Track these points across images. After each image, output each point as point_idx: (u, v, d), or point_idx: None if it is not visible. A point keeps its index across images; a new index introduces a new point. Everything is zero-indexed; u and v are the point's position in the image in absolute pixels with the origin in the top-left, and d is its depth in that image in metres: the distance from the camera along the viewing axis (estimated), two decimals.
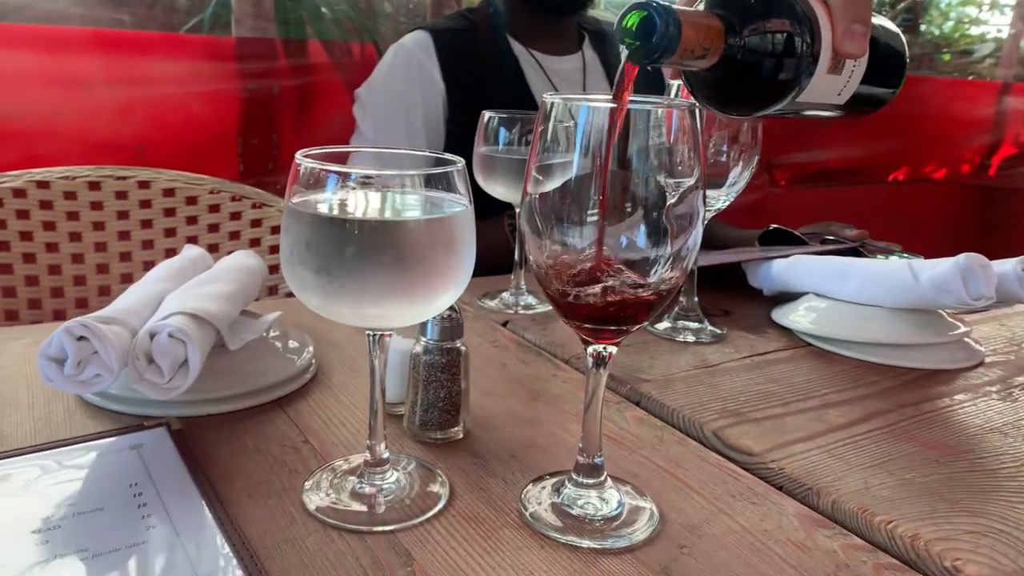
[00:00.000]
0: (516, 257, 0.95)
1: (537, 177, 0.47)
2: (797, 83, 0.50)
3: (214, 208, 1.14)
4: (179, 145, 1.54)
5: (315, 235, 0.44)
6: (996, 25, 3.64)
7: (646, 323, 0.49)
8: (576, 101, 0.45)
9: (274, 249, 1.14)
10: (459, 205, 0.47)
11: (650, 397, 0.70)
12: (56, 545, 0.45)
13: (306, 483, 0.53)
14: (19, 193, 1.04)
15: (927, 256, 0.92)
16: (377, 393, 0.52)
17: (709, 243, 1.21)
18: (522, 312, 0.92)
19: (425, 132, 1.38)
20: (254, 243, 1.14)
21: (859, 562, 0.49)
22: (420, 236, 0.45)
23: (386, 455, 0.53)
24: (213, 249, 1.13)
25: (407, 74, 1.38)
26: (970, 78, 3.52)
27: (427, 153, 0.48)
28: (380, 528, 0.49)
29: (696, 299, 0.88)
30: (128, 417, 0.61)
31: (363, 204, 0.45)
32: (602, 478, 0.52)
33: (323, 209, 0.45)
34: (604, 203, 0.44)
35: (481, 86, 1.40)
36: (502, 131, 0.89)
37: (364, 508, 0.51)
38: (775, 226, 1.18)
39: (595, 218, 0.46)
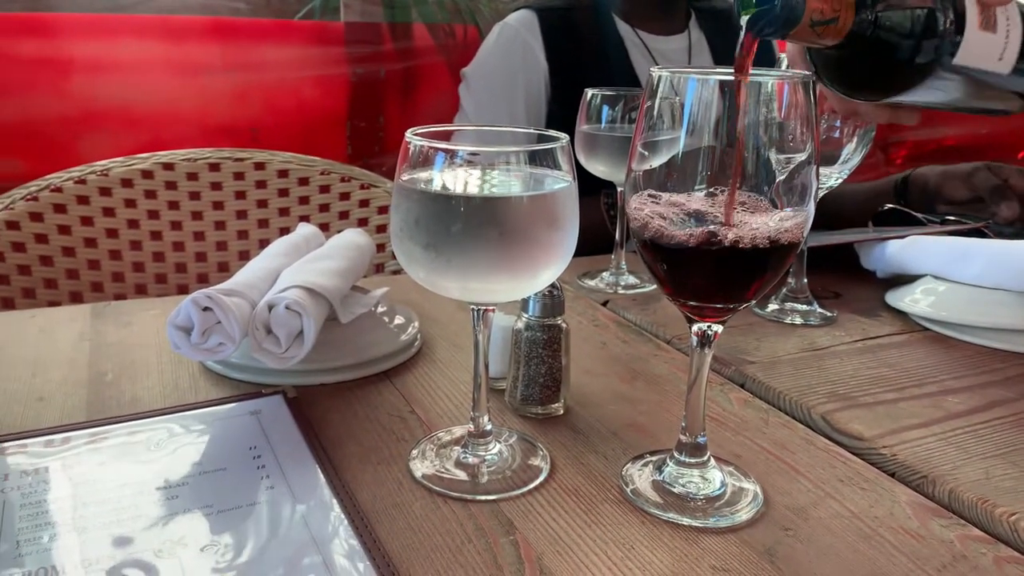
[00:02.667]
0: (616, 237, 0.95)
1: (643, 153, 0.47)
2: (944, 46, 0.47)
3: (324, 188, 1.18)
4: (291, 129, 1.60)
5: (424, 211, 0.46)
6: None
7: (753, 302, 0.48)
8: (683, 75, 0.45)
9: (381, 228, 1.17)
10: (563, 181, 0.47)
11: (755, 379, 0.68)
12: (184, 500, 0.48)
13: (412, 451, 0.55)
14: (147, 174, 1.11)
15: None
16: (481, 367, 0.53)
17: (838, 207, 1.16)
18: (622, 292, 0.92)
19: (526, 111, 1.38)
20: (362, 222, 1.18)
21: (978, 554, 0.47)
22: (524, 212, 0.46)
23: (489, 427, 0.55)
24: (323, 228, 1.16)
25: (510, 53, 1.39)
26: None
27: (532, 130, 0.49)
28: (483, 497, 0.50)
29: (805, 280, 0.86)
30: (247, 385, 0.64)
31: (470, 181, 0.46)
32: (705, 458, 0.52)
33: (431, 186, 0.46)
34: (737, 171, 0.43)
35: (584, 65, 1.39)
36: (605, 109, 0.89)
37: (467, 477, 0.53)
38: (890, 206, 1.13)
39: (701, 194, 0.45)
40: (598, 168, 0.87)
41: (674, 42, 1.48)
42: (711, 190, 0.45)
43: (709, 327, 0.48)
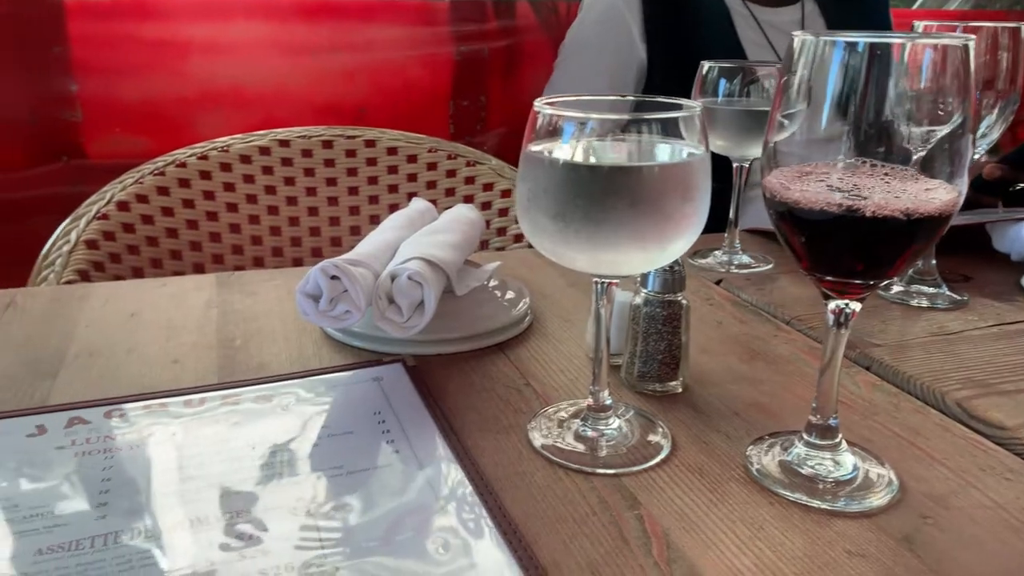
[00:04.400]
0: (731, 215, 0.92)
1: (783, 122, 0.45)
2: None
3: (432, 166, 1.19)
4: (396, 108, 1.62)
5: (552, 181, 0.45)
6: None
7: (895, 279, 0.46)
8: (829, 39, 0.43)
9: (485, 205, 1.18)
10: (696, 151, 0.46)
11: (882, 363, 0.66)
12: (315, 461, 0.50)
13: (530, 422, 0.55)
14: (264, 151, 1.14)
15: None
16: (603, 342, 0.53)
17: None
18: (735, 271, 0.89)
19: (620, 84, 1.36)
20: (468, 199, 1.19)
21: None
22: (656, 182, 0.45)
23: (609, 402, 0.54)
24: None
25: (605, 23, 1.37)
26: None
27: (664, 99, 0.48)
28: (604, 471, 0.50)
29: (934, 262, 0.81)
30: (366, 353, 0.66)
31: (600, 150, 0.46)
32: (837, 440, 0.50)
33: (560, 155, 0.45)
34: (883, 141, 0.41)
35: (687, 38, 1.35)
36: (722, 82, 0.86)
37: (587, 450, 0.52)
38: (1023, 185, 1.06)
39: (844, 164, 0.43)
40: (716, 143, 0.85)
41: (786, 14, 1.42)
42: (855, 161, 0.43)
43: (847, 305, 0.46)
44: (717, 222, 0.91)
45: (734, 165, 0.89)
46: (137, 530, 0.43)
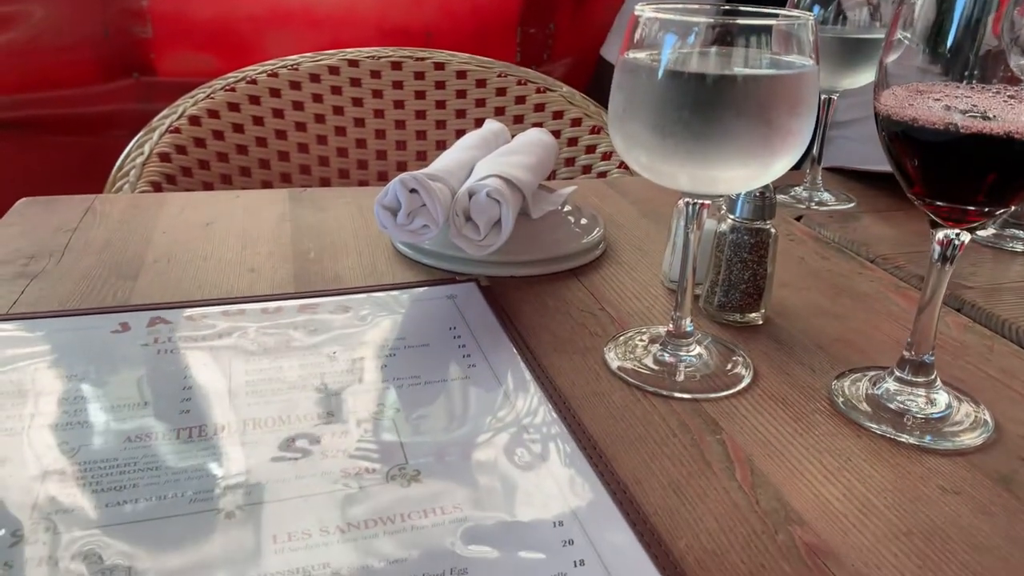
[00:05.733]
0: (814, 151, 0.89)
1: (902, 39, 0.42)
2: None
3: (501, 92, 1.17)
4: (463, 33, 1.59)
5: (652, 90, 0.43)
6: None
7: (1012, 208, 0.43)
8: None
9: (555, 134, 1.15)
10: (805, 62, 0.43)
11: (975, 305, 0.63)
12: (393, 370, 0.50)
13: (606, 345, 0.54)
14: (334, 70, 1.13)
15: None
16: (689, 268, 0.51)
17: None
18: (815, 207, 0.86)
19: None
20: (537, 126, 1.16)
21: None
22: (764, 93, 0.42)
23: (690, 328, 0.53)
24: None
25: None
26: None
27: (773, 9, 0.45)
28: (683, 395, 0.49)
29: None
30: (438, 272, 0.65)
31: (704, 58, 0.43)
32: (932, 376, 0.48)
33: (661, 62, 0.43)
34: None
35: None
36: (815, 8, 0.82)
37: (666, 374, 0.51)
38: None
39: (966, 85, 0.40)
40: None
41: None
42: (978, 82, 0.40)
43: (958, 235, 0.44)
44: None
45: (821, 97, 0.85)
46: (219, 427, 0.44)
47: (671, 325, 0.53)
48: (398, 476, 0.40)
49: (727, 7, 0.49)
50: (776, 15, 0.44)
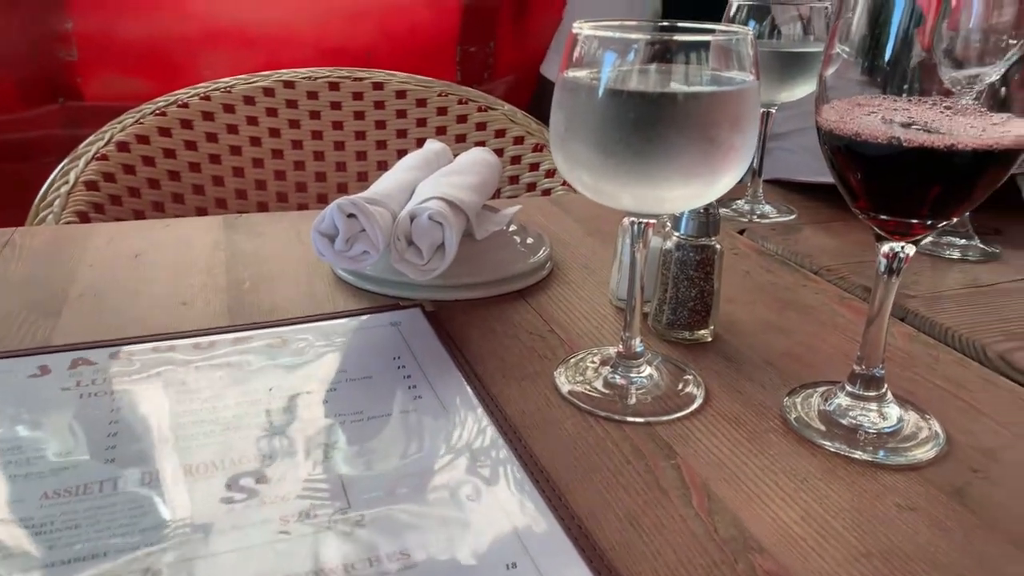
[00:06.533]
0: (754, 164, 0.89)
1: (840, 53, 0.42)
2: None
3: (442, 111, 1.16)
4: (403, 53, 1.58)
5: (593, 108, 0.42)
6: None
7: (954, 220, 0.43)
8: None
9: (498, 152, 1.14)
10: (747, 78, 0.43)
11: (917, 314, 0.63)
12: (334, 405, 0.48)
13: (556, 369, 0.53)
14: (269, 92, 1.10)
15: None
16: (637, 288, 0.50)
17: None
18: (758, 220, 0.86)
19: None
20: (479, 145, 1.15)
21: None
22: (706, 110, 0.42)
23: (640, 348, 0.52)
24: None
25: None
26: None
27: (712, 25, 0.44)
28: (635, 419, 0.48)
29: (967, 214, 0.79)
30: (381, 298, 0.63)
31: (644, 75, 0.42)
32: (883, 390, 0.47)
33: (602, 81, 0.42)
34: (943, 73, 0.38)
35: None
36: (751, 23, 0.82)
37: (618, 398, 0.50)
38: None
39: (906, 98, 0.40)
40: None
41: None
42: (917, 95, 0.40)
43: (903, 248, 0.44)
44: None
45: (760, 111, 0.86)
46: (147, 475, 0.41)
47: (621, 346, 0.52)
48: (341, 522, 0.38)
49: (666, 23, 0.48)
50: (715, 31, 0.44)
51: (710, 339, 0.59)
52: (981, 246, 0.78)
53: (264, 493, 0.40)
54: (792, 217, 0.87)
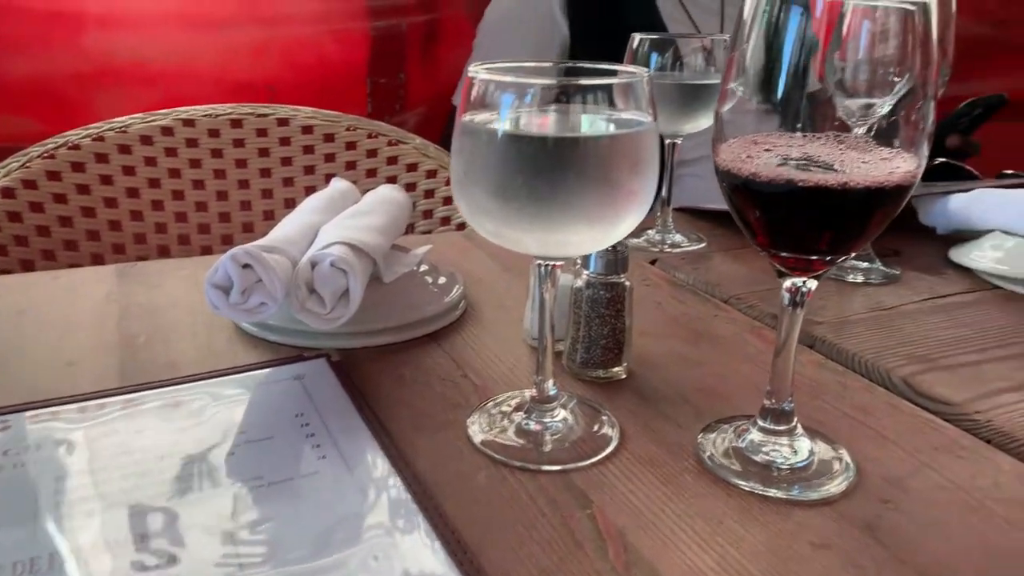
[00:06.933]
0: (663, 193, 0.90)
1: (734, 91, 0.42)
2: None
3: (351, 146, 1.13)
4: (310, 86, 1.55)
5: (492, 154, 0.41)
6: None
7: (853, 254, 0.43)
8: (784, 2, 0.40)
9: (410, 187, 1.12)
10: (645, 120, 0.42)
11: (825, 340, 0.64)
12: (232, 471, 0.45)
13: (470, 417, 0.51)
14: (167, 131, 1.06)
15: None
16: (547, 329, 0.49)
17: None
18: (669, 250, 0.87)
19: (538, 59, 1.33)
20: (390, 180, 1.13)
21: None
22: (605, 154, 0.41)
23: (553, 392, 0.51)
24: None
25: (521, 1, 1.33)
26: None
27: (610, 66, 0.44)
28: (550, 467, 0.47)
29: None
30: (286, 348, 0.60)
31: (543, 119, 0.42)
32: (792, 424, 0.47)
33: (500, 125, 0.41)
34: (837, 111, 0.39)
35: (608, 12, 1.33)
36: (653, 56, 0.84)
37: (532, 445, 0.49)
38: (941, 160, 1.08)
39: (802, 135, 0.41)
40: None
41: None
42: (813, 132, 0.40)
43: (804, 283, 0.44)
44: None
45: (666, 142, 0.87)
46: (37, 557, 0.37)
47: (534, 389, 0.51)
48: None
49: (565, 64, 0.48)
50: (615, 72, 0.43)
51: (625, 376, 0.58)
52: (883, 269, 0.80)
53: (160, 570, 0.37)
54: (702, 245, 0.89)
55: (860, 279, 0.78)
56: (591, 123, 0.42)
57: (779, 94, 0.40)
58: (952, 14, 0.73)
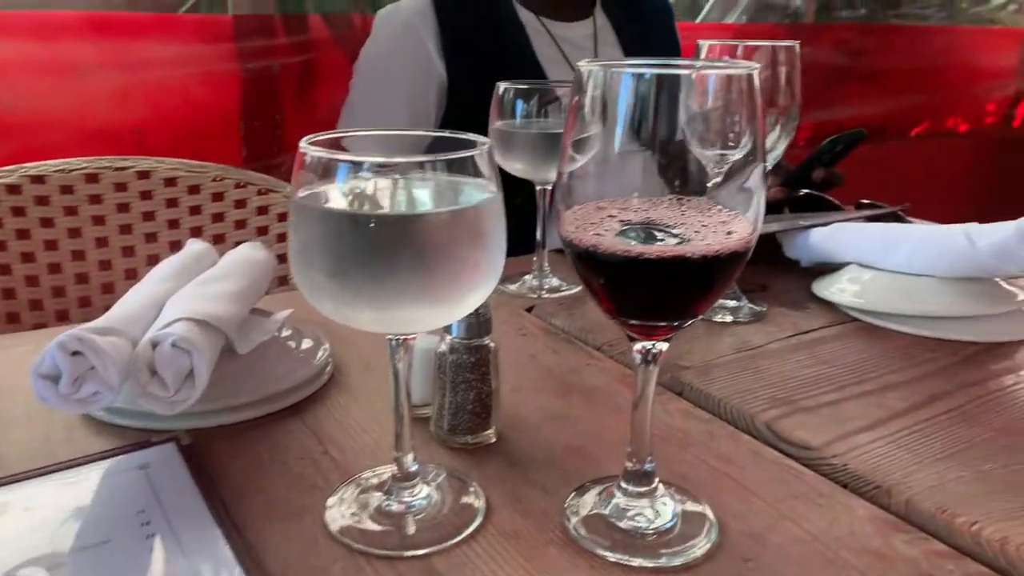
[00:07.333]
0: (538, 237, 0.90)
1: (573, 156, 0.41)
2: None
3: (218, 196, 1.09)
4: (179, 131, 1.48)
5: (327, 233, 0.39)
6: None
7: (699, 317, 0.44)
8: (616, 69, 0.40)
9: (282, 237, 1.08)
10: (487, 192, 0.41)
11: (692, 386, 0.65)
12: None
13: (328, 500, 0.49)
14: (14, 189, 0.99)
15: (948, 215, 0.87)
16: (403, 400, 0.47)
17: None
18: (547, 296, 0.87)
19: (418, 101, 1.31)
20: (261, 231, 1.09)
21: (945, 571, 0.44)
22: (445, 230, 0.40)
23: (415, 468, 0.49)
24: (219, 239, 1.08)
25: (399, 39, 1.32)
26: (991, 26, 3.39)
27: (449, 134, 0.43)
28: (411, 553, 0.45)
29: None
30: (134, 432, 0.56)
31: (379, 196, 0.40)
32: (654, 485, 0.47)
33: (334, 203, 0.40)
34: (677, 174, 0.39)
35: (484, 53, 1.33)
36: (519, 104, 0.83)
37: (393, 529, 0.47)
38: (806, 191, 1.12)
39: (641, 199, 0.41)
40: (515, 167, 0.82)
41: (579, 28, 1.44)
42: (651, 196, 0.40)
43: (654, 345, 0.44)
44: (523, 245, 0.89)
45: (537, 188, 0.87)
46: None
47: (395, 466, 0.49)
48: None
49: (405, 134, 0.46)
50: (453, 143, 0.42)
51: (494, 439, 0.57)
52: (750, 306, 0.82)
53: None
54: (579, 289, 0.89)
55: (729, 319, 0.80)
56: (430, 198, 0.40)
57: (614, 157, 0.40)
58: (797, 55, 0.76)
